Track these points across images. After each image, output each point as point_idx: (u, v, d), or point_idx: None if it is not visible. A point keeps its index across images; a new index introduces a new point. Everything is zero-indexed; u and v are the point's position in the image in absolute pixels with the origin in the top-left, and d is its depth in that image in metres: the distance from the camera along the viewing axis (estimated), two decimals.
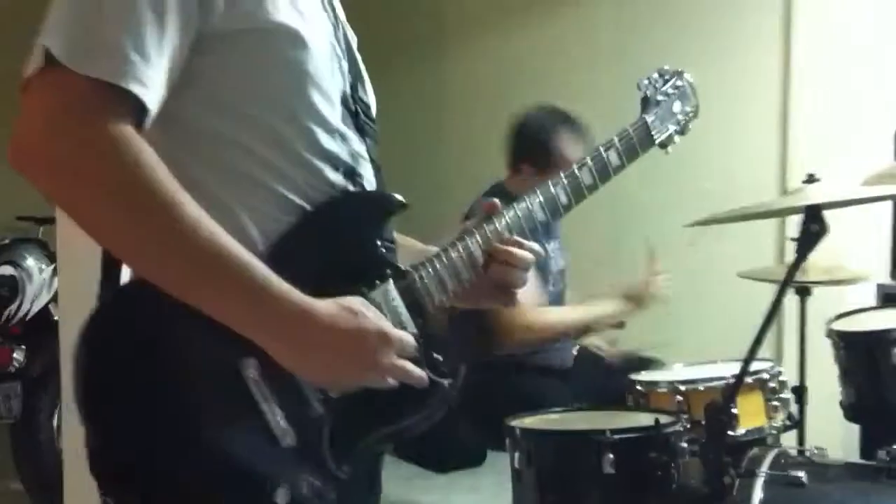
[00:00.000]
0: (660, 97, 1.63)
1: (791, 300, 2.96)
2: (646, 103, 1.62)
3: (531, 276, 1.42)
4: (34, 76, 1.07)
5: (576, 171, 1.47)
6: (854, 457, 2.80)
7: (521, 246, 1.37)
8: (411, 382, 1.18)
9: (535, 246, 1.39)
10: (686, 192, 4.22)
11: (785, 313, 2.93)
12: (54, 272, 3.80)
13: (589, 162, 1.49)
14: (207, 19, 1.12)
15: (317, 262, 1.19)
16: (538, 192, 1.43)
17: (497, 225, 1.38)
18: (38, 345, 3.66)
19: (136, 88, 1.05)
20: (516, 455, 2.13)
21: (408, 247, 1.38)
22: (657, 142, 1.60)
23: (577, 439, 2.13)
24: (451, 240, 1.36)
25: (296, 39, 1.18)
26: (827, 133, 3.93)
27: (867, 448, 2.78)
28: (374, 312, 1.17)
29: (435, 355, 1.26)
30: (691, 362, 2.68)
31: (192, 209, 1.06)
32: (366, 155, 1.31)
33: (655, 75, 1.66)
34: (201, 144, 1.16)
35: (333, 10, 1.34)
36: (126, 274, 1.18)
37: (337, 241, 1.22)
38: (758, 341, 1.91)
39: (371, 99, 1.39)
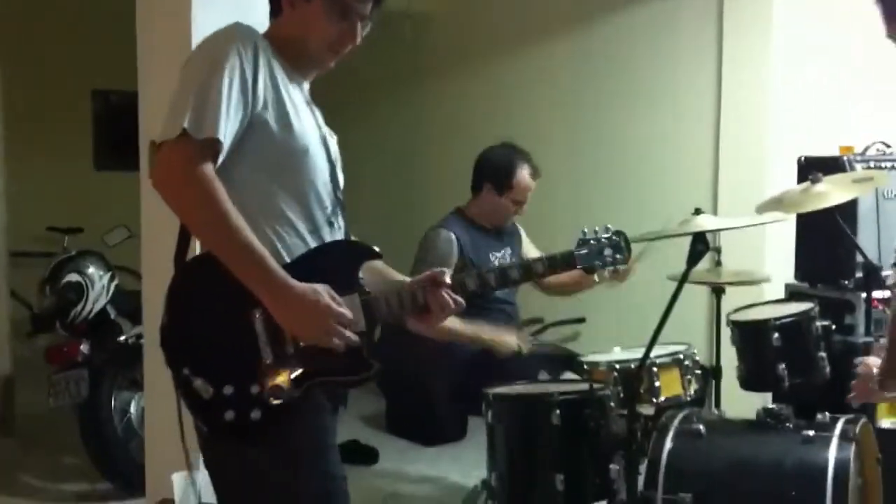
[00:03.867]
0: (593, 241, 2.20)
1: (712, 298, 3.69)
2: (581, 242, 2.21)
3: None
4: (173, 140, 1.83)
5: (507, 269, 2.17)
6: None
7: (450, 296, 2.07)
8: (344, 341, 1.88)
9: (460, 299, 2.06)
10: (634, 208, 4.98)
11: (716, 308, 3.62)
12: (111, 278, 4.51)
13: (519, 265, 2.20)
14: (253, 112, 1.90)
15: (320, 274, 1.93)
16: (476, 274, 2.12)
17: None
18: (100, 339, 4.33)
19: (222, 138, 1.84)
20: (489, 413, 2.90)
21: (385, 274, 2.13)
22: (578, 267, 2.20)
23: (534, 399, 2.91)
24: (406, 285, 2.07)
25: (300, 137, 1.96)
26: (749, 159, 4.69)
27: None
28: (332, 295, 1.87)
29: (372, 344, 1.99)
30: (627, 347, 3.40)
31: (240, 221, 1.82)
32: (339, 210, 2.08)
33: (598, 227, 2.21)
34: (248, 188, 1.92)
35: (319, 125, 2.09)
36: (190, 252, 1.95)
37: (332, 265, 1.97)
38: (659, 328, 2.66)
39: (341, 178, 2.13)
